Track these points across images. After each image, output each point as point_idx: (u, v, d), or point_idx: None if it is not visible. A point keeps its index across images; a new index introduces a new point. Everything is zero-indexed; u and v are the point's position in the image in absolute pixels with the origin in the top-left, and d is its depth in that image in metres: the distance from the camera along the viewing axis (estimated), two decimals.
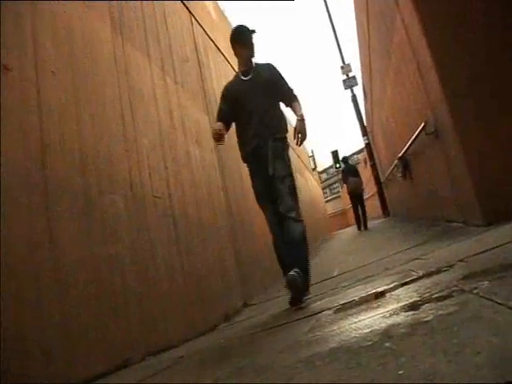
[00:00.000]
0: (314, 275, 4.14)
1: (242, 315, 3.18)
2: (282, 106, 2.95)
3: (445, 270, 1.72)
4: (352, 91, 13.65)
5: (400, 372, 0.72)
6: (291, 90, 2.91)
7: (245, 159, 2.86)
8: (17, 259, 1.60)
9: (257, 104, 2.75)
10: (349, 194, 9.67)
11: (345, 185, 10.03)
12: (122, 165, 2.43)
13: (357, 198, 9.48)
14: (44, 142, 1.86)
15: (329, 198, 36.20)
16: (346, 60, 14.31)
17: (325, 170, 40.09)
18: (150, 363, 2.02)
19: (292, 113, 2.91)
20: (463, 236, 2.77)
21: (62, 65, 2.12)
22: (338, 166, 20.30)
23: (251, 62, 2.91)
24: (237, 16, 8.53)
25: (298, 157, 12.36)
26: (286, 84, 2.92)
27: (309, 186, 13.23)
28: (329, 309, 1.83)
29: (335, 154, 19.84)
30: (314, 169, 17.46)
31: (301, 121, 2.69)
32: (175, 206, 2.96)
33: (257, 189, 2.80)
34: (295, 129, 2.70)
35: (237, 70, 3.08)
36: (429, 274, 1.76)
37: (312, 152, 17.97)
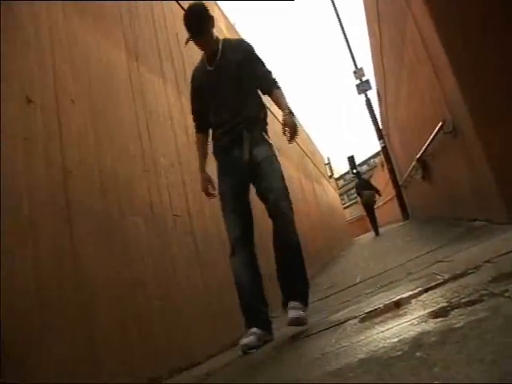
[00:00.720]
0: (335, 283, 4.13)
1: None
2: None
3: (471, 273, 1.65)
4: (366, 95, 13.55)
5: (435, 382, 0.71)
6: (269, 73, 2.39)
7: (215, 154, 2.44)
8: (44, 282, 1.64)
9: (227, 98, 2.31)
10: (363, 205, 11.16)
11: (359, 197, 11.50)
12: (141, 185, 2.48)
13: (369, 208, 10.72)
14: (66, 168, 1.91)
15: (347, 205, 35.88)
16: (358, 64, 14.25)
17: (341, 176, 39.81)
18: (176, 381, 2.02)
19: (273, 102, 2.41)
20: (487, 235, 2.69)
21: (81, 92, 2.20)
22: (354, 171, 20.20)
23: (212, 45, 2.36)
24: (244, 19, 8.59)
25: (315, 165, 12.32)
26: (263, 66, 2.41)
27: (326, 194, 13.16)
28: (354, 318, 1.79)
29: (351, 159, 19.74)
30: (331, 176, 17.36)
31: (289, 114, 2.21)
32: (194, 223, 2.99)
33: (222, 189, 2.32)
34: (283, 124, 2.21)
35: None
36: (454, 278, 1.70)
37: (328, 159, 17.88)
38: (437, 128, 3.87)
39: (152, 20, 3.33)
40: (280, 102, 2.31)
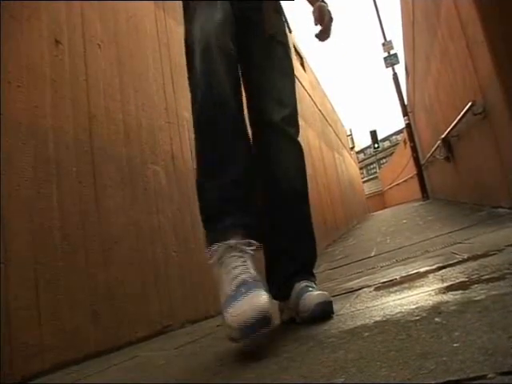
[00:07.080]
0: (350, 254, 4.13)
1: None
2: None
3: (493, 254, 1.62)
4: (393, 69, 13.18)
5: (455, 345, 0.69)
6: None
7: None
8: (70, 227, 1.68)
9: None
10: None
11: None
12: (163, 136, 2.48)
13: None
14: (91, 113, 1.91)
15: (365, 179, 35.37)
16: (387, 36, 13.78)
17: (362, 150, 39.22)
18: (189, 330, 2.07)
19: None
20: (511, 222, 2.63)
21: (107, 39, 2.17)
22: (376, 146, 19.89)
23: None
24: None
25: (337, 135, 12.13)
26: None
27: (347, 165, 13.02)
28: (368, 286, 1.79)
29: (374, 134, 19.38)
30: (353, 148, 17.10)
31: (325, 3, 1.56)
32: None
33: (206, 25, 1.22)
34: (318, 14, 1.56)
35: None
36: (474, 257, 1.67)
37: (350, 131, 17.57)
38: (465, 108, 3.72)
39: None
40: None
